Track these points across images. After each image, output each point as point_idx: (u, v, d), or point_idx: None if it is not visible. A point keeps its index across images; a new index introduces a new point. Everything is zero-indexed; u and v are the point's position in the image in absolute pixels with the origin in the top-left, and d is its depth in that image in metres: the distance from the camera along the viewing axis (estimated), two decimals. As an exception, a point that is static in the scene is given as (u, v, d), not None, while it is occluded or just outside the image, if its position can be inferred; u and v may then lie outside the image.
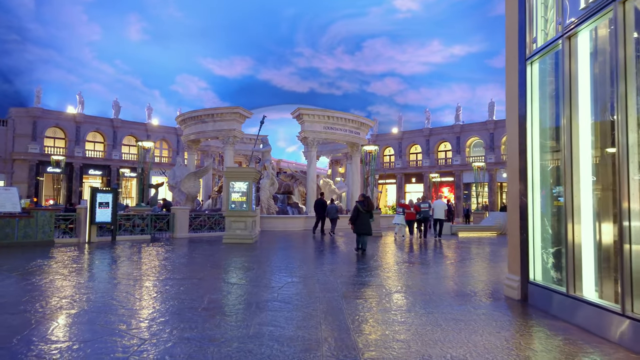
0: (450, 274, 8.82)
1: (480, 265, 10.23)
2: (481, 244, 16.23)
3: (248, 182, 15.17)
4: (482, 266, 10.13)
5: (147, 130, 45.75)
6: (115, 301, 6.03)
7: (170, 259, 10.68)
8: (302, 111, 25.73)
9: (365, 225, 12.17)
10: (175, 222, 17.09)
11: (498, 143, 42.18)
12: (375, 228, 19.71)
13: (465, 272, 9.09)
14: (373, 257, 11.42)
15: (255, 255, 11.58)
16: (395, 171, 48.40)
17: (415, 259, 11.25)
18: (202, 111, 26.53)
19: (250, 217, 15.15)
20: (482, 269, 9.72)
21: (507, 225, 6.96)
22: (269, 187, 24.34)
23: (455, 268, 9.74)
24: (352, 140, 27.93)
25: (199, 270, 8.85)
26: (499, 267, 9.76)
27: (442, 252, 13.33)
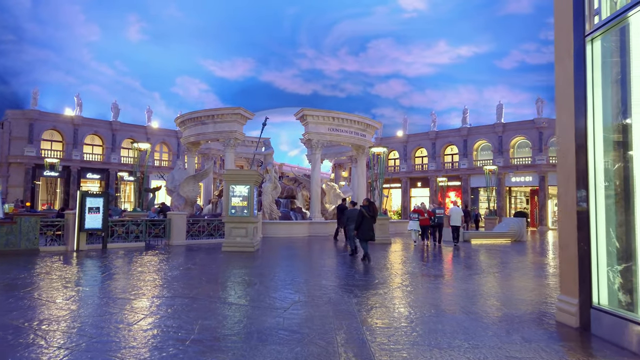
0: (482, 291, 7.68)
1: (512, 280, 9.08)
2: (500, 253, 15.07)
3: (249, 185, 14.07)
4: (514, 281, 8.98)
5: (146, 133, 44.72)
6: (82, 331, 4.91)
7: (162, 271, 9.57)
8: (306, 112, 24.67)
9: (369, 231, 11.79)
10: (172, 229, 15.98)
11: (507, 146, 41.04)
12: (384, 235, 18.61)
13: (498, 289, 7.95)
14: (389, 269, 10.30)
15: (256, 267, 10.47)
16: (401, 175, 47.25)
17: (436, 271, 10.12)
18: (202, 112, 25.49)
19: (252, 224, 14.05)
20: (515, 284, 8.57)
21: (559, 235, 5.82)
22: (271, 191, 23.26)
23: (484, 283, 8.59)
24: (357, 143, 26.85)
25: (193, 285, 7.73)
26: (535, 283, 8.61)
27: (461, 261, 12.19)
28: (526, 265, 11.49)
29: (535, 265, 11.66)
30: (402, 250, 15.58)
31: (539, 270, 10.59)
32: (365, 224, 11.79)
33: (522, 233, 21.87)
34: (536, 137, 39.28)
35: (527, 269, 10.67)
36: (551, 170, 38.52)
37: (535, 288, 7.93)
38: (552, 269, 10.72)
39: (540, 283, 8.56)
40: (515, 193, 43.44)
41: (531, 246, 18.95)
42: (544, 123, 38.48)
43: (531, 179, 39.82)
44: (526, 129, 39.98)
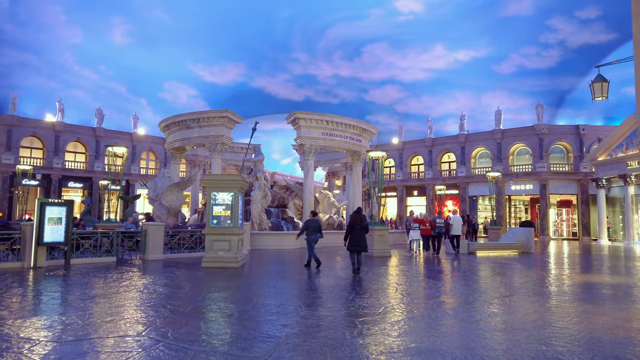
0: (535, 326, 6.06)
1: (565, 307, 7.48)
2: (515, 267, 13.48)
3: (233, 192, 12.43)
4: (569, 308, 7.39)
5: (132, 140, 42.96)
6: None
7: (123, 296, 7.87)
8: (298, 115, 23.14)
9: (360, 242, 11.23)
10: (147, 241, 14.26)
11: (506, 154, 39.72)
12: (384, 247, 17.02)
13: (559, 321, 6.35)
14: (395, 290, 8.68)
15: (239, 288, 8.79)
16: (396, 183, 45.75)
17: (455, 293, 8.50)
18: (186, 115, 23.88)
19: (236, 236, 12.38)
20: (561, 314, 6.97)
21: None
22: (260, 199, 21.61)
23: (529, 310, 6.99)
24: (352, 148, 25.33)
25: (152, 319, 6.05)
26: (587, 312, 7.01)
27: (478, 278, 10.59)
28: (563, 283, 9.92)
29: (580, 285, 10.08)
30: (405, 265, 13.95)
31: (591, 292, 9.01)
32: (354, 235, 11.17)
33: (530, 244, 20.37)
34: (536, 144, 38.01)
35: (572, 289, 9.08)
36: (552, 178, 37.25)
37: (595, 320, 6.33)
38: (607, 291, 9.14)
39: (596, 310, 6.97)
40: (515, 202, 42.10)
41: (544, 259, 17.42)
42: (545, 129, 37.24)
43: (532, 187, 38.49)
44: (526, 136, 38.72)
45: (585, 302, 7.55)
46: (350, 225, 11.46)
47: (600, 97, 10.74)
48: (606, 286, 9.66)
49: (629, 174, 28.58)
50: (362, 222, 11.49)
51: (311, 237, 12.71)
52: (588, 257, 18.67)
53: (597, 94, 10.76)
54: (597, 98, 10.78)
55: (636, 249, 24.87)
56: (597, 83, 10.77)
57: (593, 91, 10.83)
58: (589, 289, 9.20)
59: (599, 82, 10.76)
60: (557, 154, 38.51)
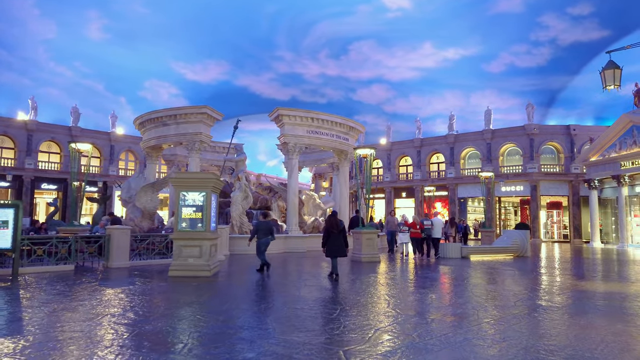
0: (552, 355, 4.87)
1: (568, 326, 6.31)
2: (512, 274, 12.36)
3: (205, 192, 11.11)
4: (575, 329, 6.22)
5: (110, 140, 41.22)
6: None
7: (62, 316, 6.50)
8: (281, 112, 21.88)
9: (339, 247, 10.81)
10: (111, 247, 12.83)
11: (496, 154, 38.87)
12: (372, 252, 15.82)
13: (564, 346, 5.16)
14: (388, 305, 7.43)
15: (205, 304, 7.47)
16: (384, 185, 44.65)
17: (452, 307, 7.29)
18: (162, 111, 22.42)
19: (208, 240, 11.06)
20: (587, 338, 5.80)
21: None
22: (241, 201, 20.27)
23: (565, 333, 5.80)
24: (339, 147, 24.12)
25: (83, 352, 4.73)
26: (618, 333, 5.86)
27: (473, 289, 9.41)
28: (576, 294, 8.78)
29: (594, 295, 8.95)
30: (395, 272, 12.74)
31: (611, 304, 7.87)
32: (332, 240, 10.75)
33: (526, 247, 19.35)
34: (527, 144, 37.22)
35: (588, 302, 7.94)
36: (543, 179, 36.49)
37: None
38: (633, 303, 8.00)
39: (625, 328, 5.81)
40: (504, 203, 41.30)
41: (542, 263, 16.37)
42: (535, 129, 36.46)
43: (522, 189, 37.68)
44: (516, 136, 37.91)
45: (611, 320, 6.40)
46: (327, 230, 10.91)
47: (612, 86, 9.65)
48: (628, 297, 8.56)
49: (622, 175, 27.83)
50: (339, 226, 10.94)
51: (262, 240, 12.11)
52: (588, 261, 17.69)
53: (608, 82, 9.68)
54: (608, 87, 9.69)
55: (631, 252, 24.05)
56: (609, 70, 9.68)
57: (604, 79, 9.74)
58: (608, 299, 8.09)
59: (610, 69, 9.68)
60: (548, 155, 37.77)
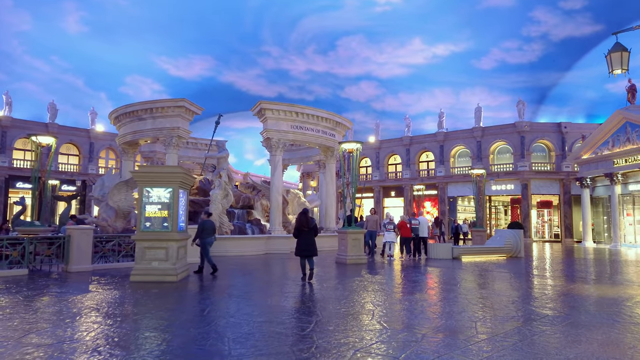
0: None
1: (580, 340, 5.36)
2: (507, 277, 11.45)
3: (172, 188, 10.02)
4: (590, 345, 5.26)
5: (89, 137, 39.77)
6: None
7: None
8: (264, 105, 20.81)
9: (310, 246, 10.19)
10: (71, 249, 11.67)
11: (486, 152, 38.14)
12: (358, 253, 14.83)
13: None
14: (371, 313, 6.42)
15: (156, 317, 6.40)
16: (373, 184, 43.74)
17: (444, 318, 6.31)
18: (138, 105, 21.24)
19: (175, 242, 9.98)
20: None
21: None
22: (221, 199, 19.16)
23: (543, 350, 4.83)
24: (325, 144, 23.12)
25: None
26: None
27: (466, 295, 8.44)
28: (582, 301, 7.85)
29: (601, 302, 8.03)
30: (382, 275, 11.76)
31: (620, 313, 6.94)
32: (302, 239, 10.12)
33: (520, 248, 18.51)
34: (518, 142, 36.55)
35: (598, 312, 7.01)
36: (534, 178, 35.85)
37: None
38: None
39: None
40: (495, 202, 40.62)
41: (538, 265, 15.51)
42: (526, 126, 35.80)
43: (512, 187, 37.00)
44: (507, 134, 37.23)
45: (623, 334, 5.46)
46: (298, 228, 10.24)
47: (619, 70, 8.76)
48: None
49: (615, 173, 27.20)
50: (309, 223, 10.28)
51: (207, 240, 11.65)
52: (585, 263, 16.88)
53: (615, 66, 8.78)
54: (615, 71, 8.79)
55: (626, 252, 23.38)
56: (616, 53, 8.79)
57: (610, 63, 8.85)
58: (615, 305, 7.17)
59: (617, 51, 8.79)
60: (539, 153, 37.13)
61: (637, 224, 27.31)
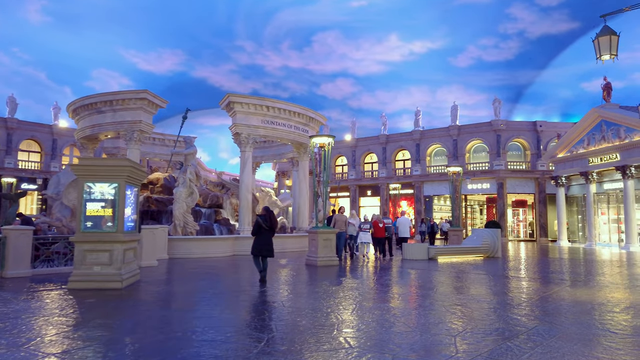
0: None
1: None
2: (484, 279, 10.74)
3: (117, 183, 8.92)
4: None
5: (53, 134, 37.85)
6: None
7: None
8: (232, 99, 19.73)
9: (269, 246, 9.74)
10: (7, 252, 10.42)
11: (462, 151, 37.80)
12: (330, 255, 13.96)
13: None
14: (335, 327, 5.50)
15: (74, 338, 5.35)
16: (349, 183, 42.99)
17: (434, 331, 5.44)
18: (97, 97, 19.89)
19: (120, 244, 8.87)
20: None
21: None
22: (185, 198, 17.99)
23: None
24: (298, 140, 22.18)
25: None
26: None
27: (445, 302, 7.62)
28: (569, 307, 7.12)
29: (586, 307, 7.32)
30: (354, 278, 10.89)
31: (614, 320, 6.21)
32: (262, 238, 9.66)
33: (497, 248, 17.93)
34: (494, 141, 36.31)
35: (585, 319, 6.26)
36: (510, 177, 35.66)
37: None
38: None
39: None
40: (470, 202, 40.37)
41: (516, 266, 14.93)
42: (502, 125, 35.59)
43: (488, 186, 36.76)
44: (483, 132, 36.97)
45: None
46: (258, 226, 9.70)
47: (608, 55, 8.07)
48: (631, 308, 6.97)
49: (590, 171, 27.06)
50: (272, 222, 9.86)
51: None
52: (563, 263, 16.41)
53: (603, 51, 8.09)
54: (603, 57, 8.09)
55: (601, 251, 23.17)
56: (604, 37, 8.10)
57: (598, 48, 8.15)
58: (608, 313, 6.46)
59: (605, 35, 8.09)
60: (514, 152, 36.99)
61: (611, 223, 27.24)
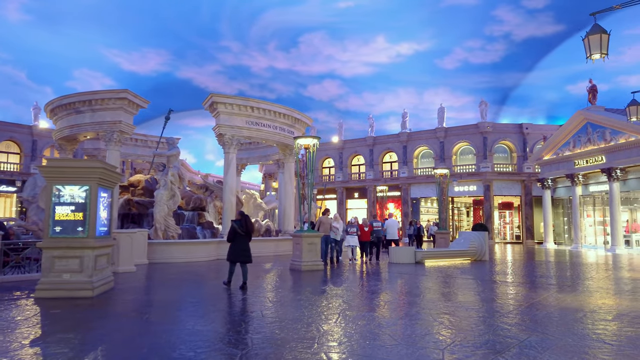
0: None
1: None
2: (475, 283, 10.47)
3: (88, 185, 8.46)
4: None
5: (32, 134, 36.89)
6: None
7: None
8: (216, 99, 19.29)
9: (246, 251, 9.53)
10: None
11: (449, 153, 37.73)
12: (314, 259, 13.59)
13: None
14: (313, 341, 5.13)
15: (26, 355, 4.91)
16: (336, 185, 42.67)
17: (421, 344, 5.10)
18: (75, 96, 19.24)
19: (91, 250, 8.40)
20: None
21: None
22: (166, 200, 17.48)
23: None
24: (284, 141, 21.76)
25: None
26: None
27: (432, 309, 7.30)
28: (560, 315, 6.84)
29: (580, 313, 7.06)
30: (339, 285, 10.54)
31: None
32: (238, 243, 9.43)
33: (484, 251, 17.74)
34: (480, 143, 36.30)
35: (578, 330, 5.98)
36: (497, 179, 35.64)
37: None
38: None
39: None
40: (457, 204, 40.34)
41: (504, 270, 14.71)
42: (489, 127, 35.60)
43: (475, 189, 36.71)
44: (470, 134, 36.94)
45: None
46: (233, 231, 9.44)
47: (598, 55, 7.84)
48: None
49: (576, 174, 27.11)
50: (248, 226, 9.62)
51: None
52: (551, 266, 16.27)
53: (594, 50, 7.86)
54: (593, 56, 7.86)
55: (586, 253, 23.16)
56: (595, 35, 7.87)
57: (588, 46, 7.91)
58: (601, 322, 6.19)
59: (596, 33, 7.87)
60: (501, 154, 37.03)
61: (597, 225, 27.30)
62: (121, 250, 12.54)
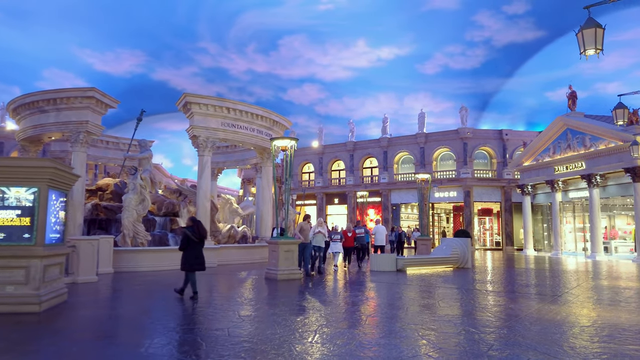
0: None
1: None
2: (459, 293, 9.89)
3: (37, 187, 7.58)
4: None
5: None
6: None
7: None
8: (190, 99, 18.45)
9: (198, 259, 9.16)
10: None
11: (429, 159, 37.51)
12: (291, 267, 12.87)
13: None
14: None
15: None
16: (316, 190, 42.03)
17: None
18: (39, 95, 18.12)
19: (40, 259, 7.50)
20: None
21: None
22: (135, 205, 16.55)
23: None
24: (261, 144, 21.02)
25: None
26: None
27: (422, 319, 6.65)
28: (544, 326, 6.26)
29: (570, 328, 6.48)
30: (317, 295, 9.83)
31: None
32: (193, 250, 9.08)
33: (467, 258, 17.26)
34: (460, 149, 36.17)
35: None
36: (477, 185, 35.51)
37: None
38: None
39: None
40: (437, 210, 40.08)
41: (486, 277, 14.22)
42: (469, 133, 35.51)
43: (455, 195, 36.52)
44: (450, 140, 36.80)
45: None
46: (186, 239, 9.08)
47: (593, 50, 7.38)
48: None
49: (556, 180, 27.03)
50: (201, 233, 9.33)
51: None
52: (534, 274, 15.87)
53: (588, 45, 7.39)
54: (588, 51, 7.39)
55: (566, 260, 22.96)
56: (589, 29, 7.40)
57: (582, 41, 7.45)
58: (596, 336, 5.64)
59: (590, 27, 7.40)
60: (481, 160, 36.96)
61: (577, 232, 27.24)
62: (81, 258, 11.60)
